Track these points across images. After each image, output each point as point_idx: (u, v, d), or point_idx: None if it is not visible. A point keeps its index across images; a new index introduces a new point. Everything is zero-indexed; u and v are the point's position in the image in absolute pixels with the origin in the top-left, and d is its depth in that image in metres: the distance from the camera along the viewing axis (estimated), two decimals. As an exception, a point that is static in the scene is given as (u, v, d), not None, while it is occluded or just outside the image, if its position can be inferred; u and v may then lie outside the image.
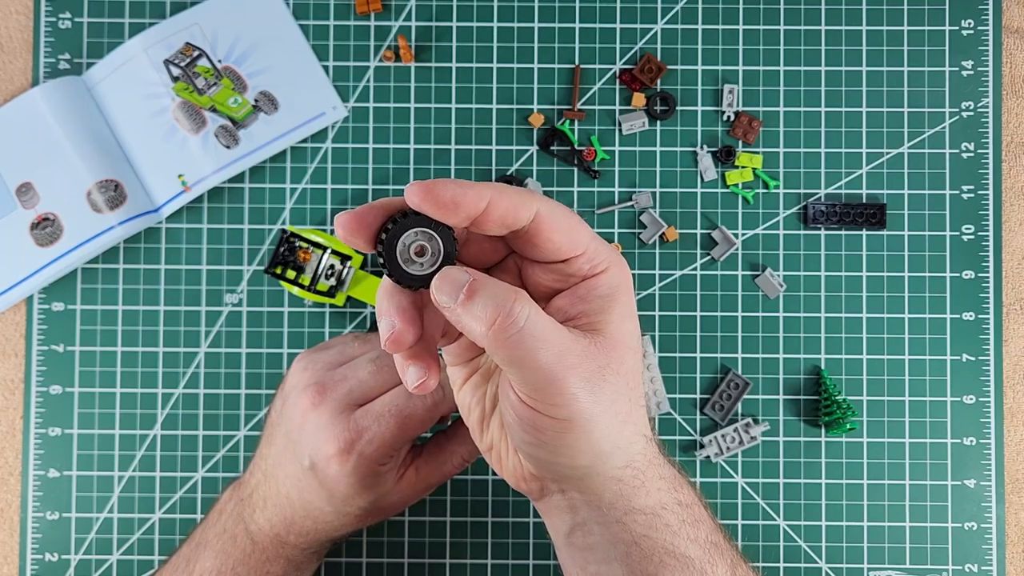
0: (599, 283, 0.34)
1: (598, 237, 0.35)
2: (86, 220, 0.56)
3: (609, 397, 0.34)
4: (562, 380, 0.32)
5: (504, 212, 0.32)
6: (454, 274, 0.31)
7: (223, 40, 0.57)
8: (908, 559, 0.56)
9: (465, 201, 0.31)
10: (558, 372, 0.32)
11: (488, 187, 0.31)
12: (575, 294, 0.35)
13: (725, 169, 0.57)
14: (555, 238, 0.33)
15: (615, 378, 0.34)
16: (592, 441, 0.34)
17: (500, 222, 0.32)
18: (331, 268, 0.54)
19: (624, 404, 0.34)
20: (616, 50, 0.58)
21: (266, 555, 0.45)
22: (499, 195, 0.31)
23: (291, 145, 0.57)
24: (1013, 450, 0.57)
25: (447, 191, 0.31)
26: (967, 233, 0.57)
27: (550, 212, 0.33)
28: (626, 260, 0.36)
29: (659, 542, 0.37)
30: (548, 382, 0.32)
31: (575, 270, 0.34)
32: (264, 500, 0.45)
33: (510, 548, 0.57)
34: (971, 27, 0.58)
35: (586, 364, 0.33)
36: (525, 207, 0.32)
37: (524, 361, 0.31)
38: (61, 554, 0.56)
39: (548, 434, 0.34)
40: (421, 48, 0.58)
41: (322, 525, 0.45)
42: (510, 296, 0.31)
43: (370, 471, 0.43)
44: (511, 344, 0.31)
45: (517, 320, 0.31)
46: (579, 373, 0.32)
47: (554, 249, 0.33)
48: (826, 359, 0.57)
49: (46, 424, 0.56)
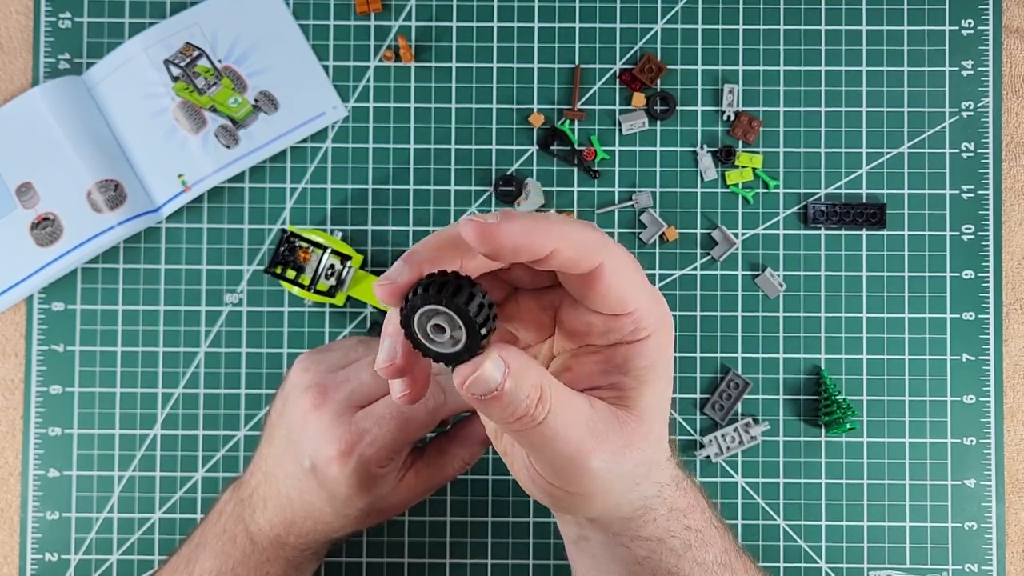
0: (638, 352, 0.31)
1: (654, 292, 0.32)
2: (86, 220, 0.56)
3: (630, 469, 0.32)
4: (580, 466, 0.31)
5: (565, 261, 0.28)
6: (487, 375, 0.27)
7: (223, 40, 0.57)
8: (908, 559, 0.56)
9: (527, 249, 0.27)
10: (577, 460, 0.30)
11: (555, 230, 0.27)
12: (611, 360, 0.32)
13: (725, 169, 0.57)
14: (611, 294, 0.30)
15: (637, 453, 0.32)
16: (607, 506, 0.34)
17: (559, 268, 0.29)
18: (331, 268, 0.54)
19: (643, 470, 0.33)
20: (616, 50, 0.58)
21: (266, 555, 0.45)
22: (566, 242, 0.28)
23: (291, 145, 0.57)
24: (1013, 450, 0.57)
25: (510, 237, 0.26)
26: (967, 233, 0.57)
27: (614, 264, 0.29)
28: (670, 320, 0.33)
29: (662, 564, 0.37)
30: (565, 468, 0.31)
31: (618, 327, 0.31)
32: (264, 501, 0.45)
33: (510, 548, 0.57)
34: (971, 27, 0.58)
35: (608, 444, 0.31)
36: (589, 259, 0.28)
37: (543, 449, 0.30)
38: (61, 554, 0.56)
39: (562, 502, 0.33)
40: (421, 48, 0.58)
41: (322, 526, 0.45)
42: (536, 390, 0.29)
43: (370, 473, 0.43)
44: (530, 436, 0.30)
45: (538, 416, 0.29)
46: (599, 454, 0.31)
47: (605, 303, 0.30)
48: (826, 359, 0.57)
49: (46, 424, 0.56)
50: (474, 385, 0.28)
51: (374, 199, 0.57)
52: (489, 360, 0.27)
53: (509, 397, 0.28)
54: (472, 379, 0.27)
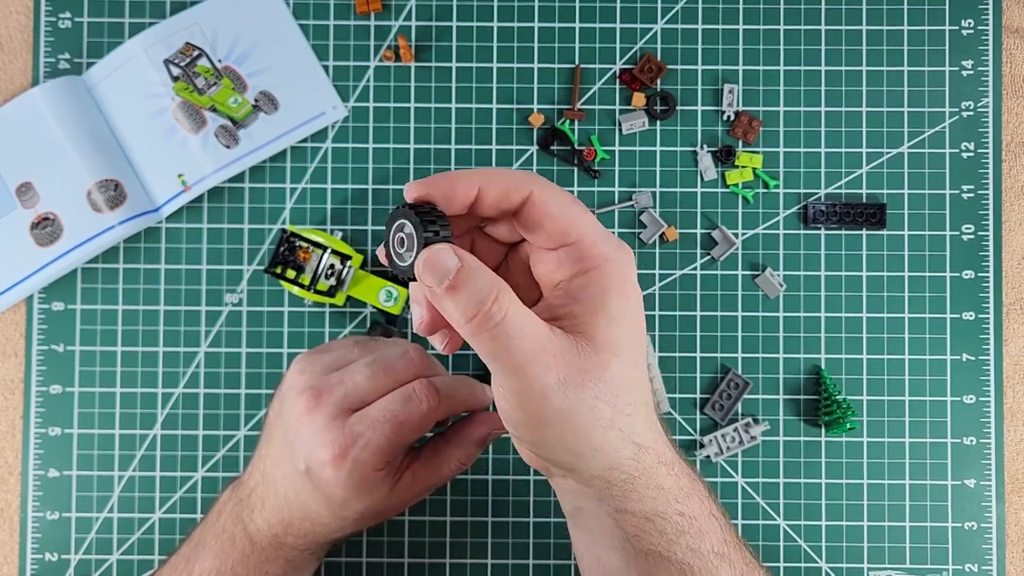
0: (590, 281, 0.34)
1: (601, 228, 0.35)
2: (86, 220, 0.56)
3: (587, 403, 0.33)
4: (533, 379, 0.32)
5: (496, 197, 0.34)
6: (442, 256, 0.31)
7: (223, 40, 0.57)
8: (908, 559, 0.56)
9: (456, 193, 0.33)
10: (530, 371, 0.32)
11: (478, 174, 0.33)
12: (568, 290, 0.34)
13: (725, 169, 0.57)
14: (548, 222, 0.34)
15: (595, 384, 0.33)
16: (567, 442, 0.34)
17: (495, 207, 0.34)
18: (331, 268, 0.54)
19: (606, 410, 0.34)
20: (616, 50, 0.58)
21: (264, 555, 0.45)
22: (488, 181, 0.33)
23: (291, 145, 0.57)
24: (1013, 450, 0.57)
25: (439, 187, 0.33)
26: (967, 233, 0.57)
27: (544, 194, 0.34)
28: (628, 258, 0.35)
29: (653, 545, 0.37)
30: (519, 379, 0.32)
31: (575, 260, 0.34)
32: (262, 501, 0.45)
33: (510, 548, 0.57)
34: (971, 27, 0.58)
35: (563, 366, 0.33)
36: (517, 191, 0.34)
37: (499, 356, 0.32)
38: (61, 554, 0.56)
39: (525, 429, 0.34)
40: (421, 48, 0.58)
41: (320, 528, 0.45)
42: (492, 290, 0.31)
43: (365, 476, 0.43)
44: (488, 338, 0.31)
45: (494, 315, 0.31)
46: (554, 374, 0.32)
47: (549, 234, 0.34)
48: (826, 359, 0.57)
49: (46, 424, 0.56)
50: (429, 265, 0.31)
51: (374, 199, 0.57)
52: (443, 248, 0.32)
53: (464, 287, 0.31)
54: (427, 258, 0.31)
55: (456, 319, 0.32)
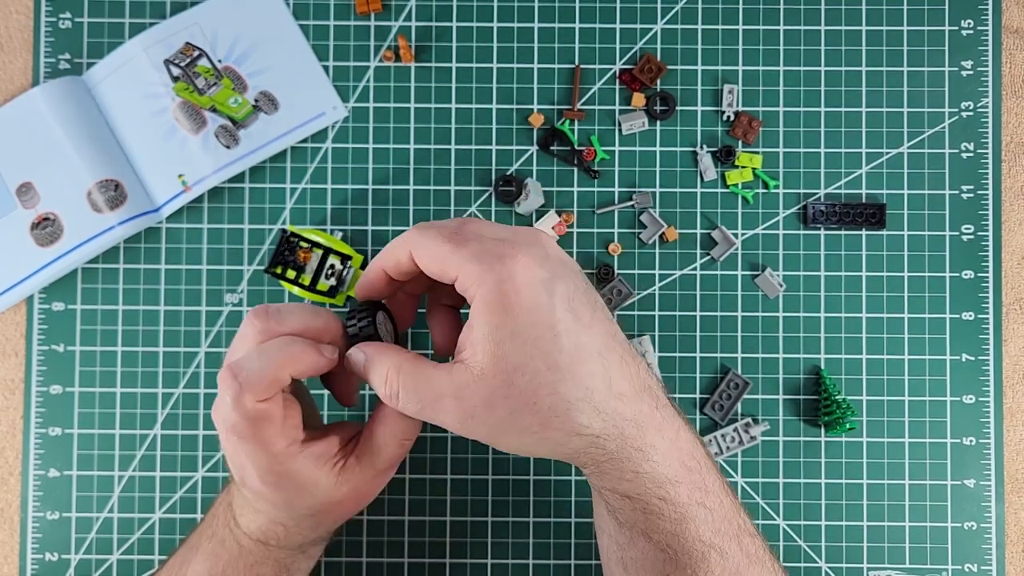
0: (473, 310, 0.37)
1: (473, 252, 0.37)
2: (86, 220, 0.56)
3: (504, 420, 0.37)
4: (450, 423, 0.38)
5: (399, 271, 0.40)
6: (354, 357, 0.41)
7: (223, 40, 0.57)
8: (908, 559, 0.56)
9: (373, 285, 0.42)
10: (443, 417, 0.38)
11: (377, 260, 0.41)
12: (469, 322, 0.37)
13: (725, 169, 0.57)
14: (431, 271, 0.38)
15: (505, 402, 0.36)
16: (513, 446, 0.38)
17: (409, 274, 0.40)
18: (331, 268, 0.54)
19: (530, 417, 0.37)
20: (616, 50, 0.58)
21: (254, 558, 0.45)
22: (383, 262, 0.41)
23: (291, 145, 0.57)
24: (1013, 450, 0.57)
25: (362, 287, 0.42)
26: (967, 233, 0.57)
27: (419, 250, 0.38)
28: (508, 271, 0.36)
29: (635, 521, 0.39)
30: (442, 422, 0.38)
31: (465, 294, 0.38)
32: (241, 507, 0.45)
33: (510, 548, 0.57)
34: (971, 27, 0.58)
35: (466, 402, 0.37)
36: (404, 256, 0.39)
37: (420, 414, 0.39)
38: (61, 554, 0.56)
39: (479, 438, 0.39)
40: (421, 48, 0.58)
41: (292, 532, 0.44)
42: (383, 372, 0.39)
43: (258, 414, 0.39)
44: (400, 406, 0.39)
45: (393, 387, 0.39)
46: (462, 409, 0.37)
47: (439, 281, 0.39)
48: (826, 359, 0.57)
49: (46, 424, 0.56)
50: (348, 364, 0.41)
51: (374, 199, 0.57)
52: (356, 349, 0.41)
53: (370, 374, 0.40)
54: (347, 357, 0.41)
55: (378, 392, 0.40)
